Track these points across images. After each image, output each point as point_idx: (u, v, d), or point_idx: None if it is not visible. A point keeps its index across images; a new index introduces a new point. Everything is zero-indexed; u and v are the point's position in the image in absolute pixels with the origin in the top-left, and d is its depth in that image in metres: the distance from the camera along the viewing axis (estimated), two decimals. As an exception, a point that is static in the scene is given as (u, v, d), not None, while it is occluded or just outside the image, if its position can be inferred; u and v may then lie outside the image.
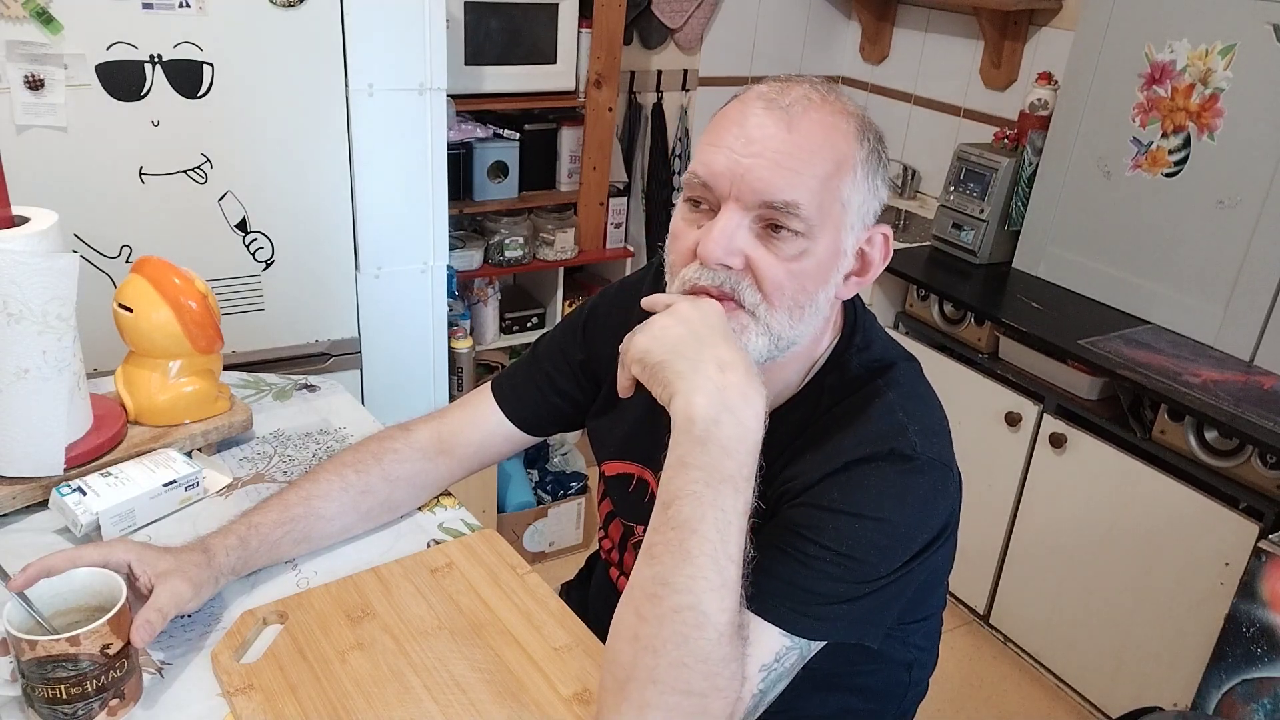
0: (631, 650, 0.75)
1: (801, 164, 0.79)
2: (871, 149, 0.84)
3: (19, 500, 1.05)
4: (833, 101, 0.83)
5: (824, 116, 0.81)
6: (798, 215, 0.80)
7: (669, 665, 0.72)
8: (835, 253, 0.83)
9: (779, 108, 0.81)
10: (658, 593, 0.74)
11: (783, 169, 0.79)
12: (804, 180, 0.79)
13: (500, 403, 1.11)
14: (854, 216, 0.84)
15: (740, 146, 0.80)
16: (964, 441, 1.02)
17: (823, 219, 0.81)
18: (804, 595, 0.80)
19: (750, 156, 0.80)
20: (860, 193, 0.83)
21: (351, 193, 1.82)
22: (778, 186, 0.79)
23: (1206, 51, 1.91)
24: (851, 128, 0.83)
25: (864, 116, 0.85)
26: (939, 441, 0.87)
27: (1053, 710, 2.14)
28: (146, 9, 1.53)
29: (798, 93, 0.82)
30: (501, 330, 2.57)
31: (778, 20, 2.97)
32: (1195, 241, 1.97)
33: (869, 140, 0.84)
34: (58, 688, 0.78)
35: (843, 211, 0.83)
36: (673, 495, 0.76)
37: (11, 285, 0.97)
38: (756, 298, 0.83)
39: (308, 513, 1.01)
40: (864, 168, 0.83)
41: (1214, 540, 1.78)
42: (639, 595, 0.76)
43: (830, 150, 0.81)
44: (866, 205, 0.84)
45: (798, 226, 0.80)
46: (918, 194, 2.98)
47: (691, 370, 0.77)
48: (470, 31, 2.21)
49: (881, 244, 0.87)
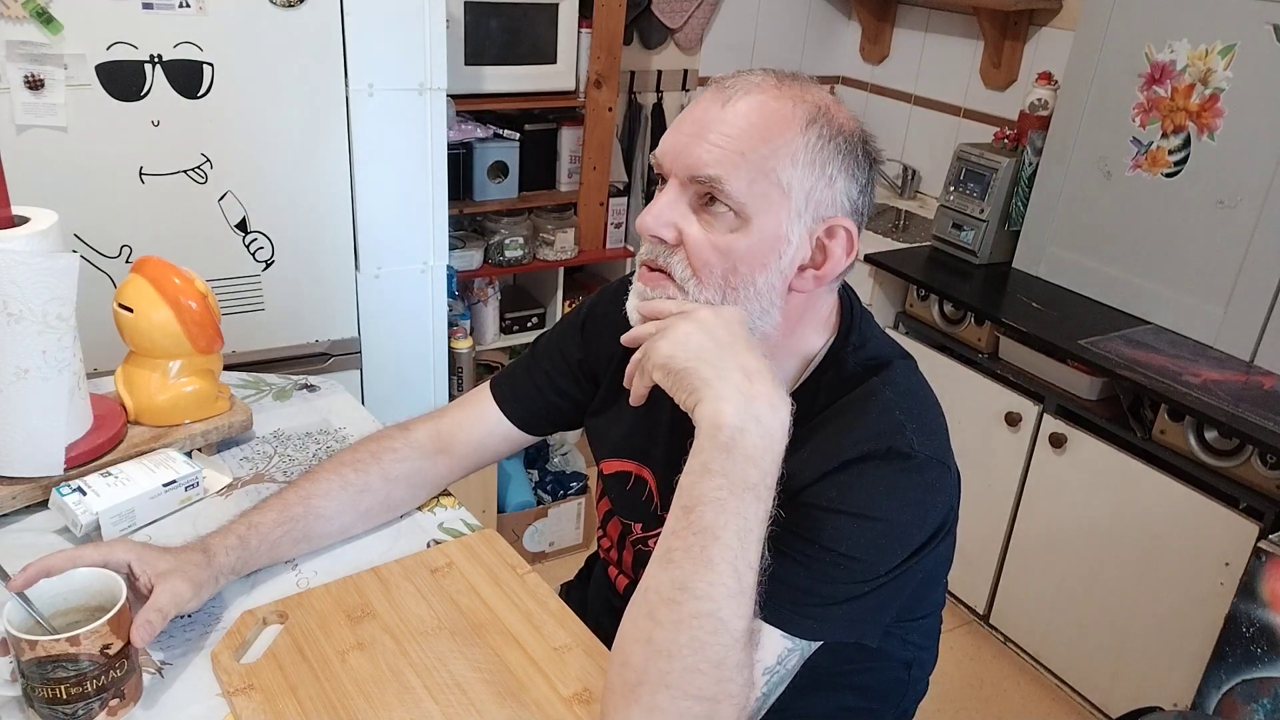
0: (644, 653, 0.74)
1: (728, 140, 0.81)
2: (824, 137, 0.83)
3: (19, 500, 1.05)
4: (788, 88, 0.84)
5: (765, 100, 0.82)
6: (722, 190, 0.81)
7: (683, 670, 0.72)
8: (776, 237, 0.83)
9: (723, 89, 0.83)
10: (676, 598, 0.73)
11: (708, 144, 0.81)
12: (728, 156, 0.81)
13: (499, 402, 1.11)
14: (799, 204, 0.83)
15: (686, 127, 0.84)
16: (964, 441, 1.02)
17: (755, 199, 0.82)
18: (803, 596, 0.80)
19: (686, 135, 0.83)
20: (805, 180, 0.82)
21: (351, 193, 1.82)
22: (703, 161, 0.82)
23: (1206, 51, 1.91)
24: (799, 114, 0.82)
25: (824, 107, 0.84)
26: (936, 439, 0.87)
27: (1053, 710, 2.14)
28: (146, 9, 1.53)
29: (749, 79, 0.84)
30: (501, 330, 2.57)
31: (778, 20, 2.97)
32: (1195, 241, 1.97)
33: (820, 128, 0.83)
34: (58, 688, 0.78)
35: (783, 196, 0.82)
36: (695, 500, 0.75)
37: (11, 285, 0.97)
38: (686, 272, 0.85)
39: (307, 512, 1.01)
40: (809, 153, 0.82)
41: (1214, 540, 1.78)
42: (655, 599, 0.75)
43: (762, 130, 0.81)
44: (819, 194, 0.83)
45: (726, 202, 0.82)
46: (918, 194, 2.98)
47: (717, 378, 0.77)
48: (470, 31, 2.21)
49: (844, 239, 0.86)
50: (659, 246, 0.86)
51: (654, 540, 0.83)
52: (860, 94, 3.12)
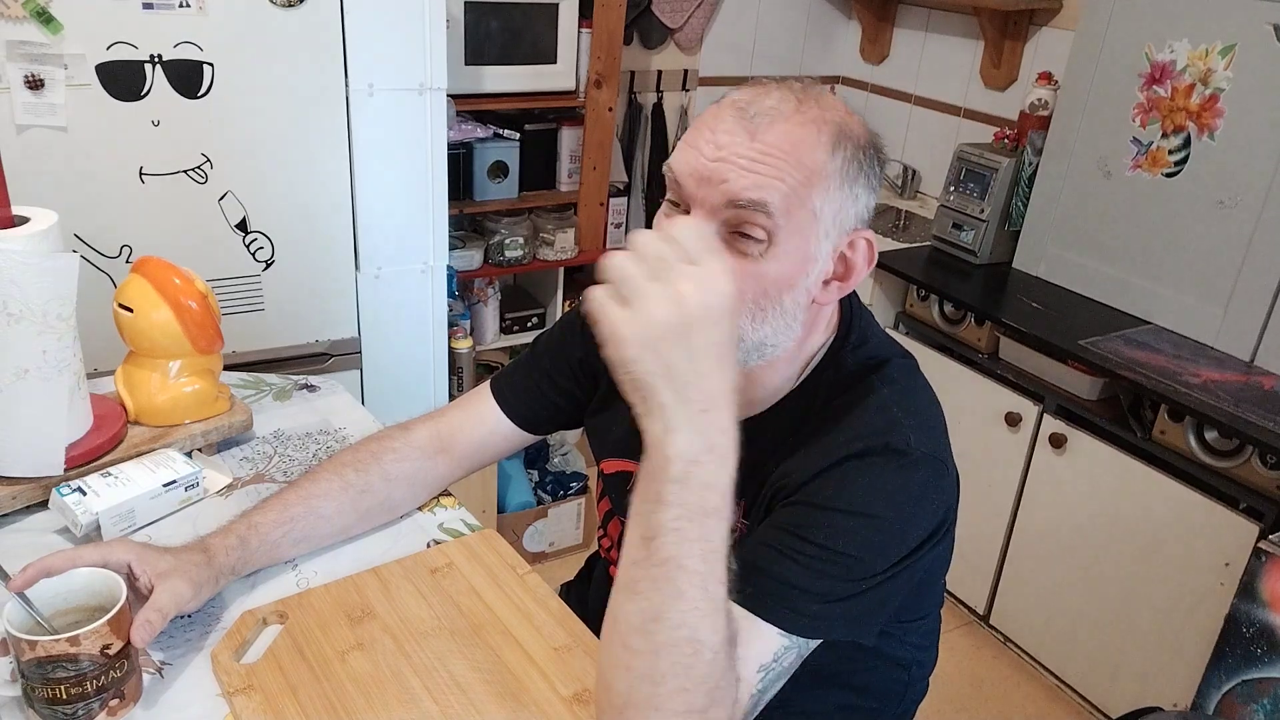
0: (626, 680, 0.73)
1: (767, 169, 0.80)
2: (849, 158, 0.82)
3: (19, 500, 1.05)
4: (808, 109, 0.82)
5: (792, 128, 0.81)
6: (765, 213, 0.80)
7: (670, 692, 0.71)
8: (803, 259, 0.83)
9: (747, 117, 0.81)
10: (648, 629, 0.71)
11: (749, 172, 0.80)
12: (771, 183, 0.80)
13: (499, 401, 1.11)
14: (827, 225, 0.83)
15: (710, 151, 0.81)
16: (964, 441, 1.02)
17: (788, 226, 0.81)
18: (800, 594, 0.80)
19: (717, 161, 0.81)
20: (834, 202, 0.82)
21: (351, 193, 1.82)
22: (744, 186, 0.80)
23: (1206, 51, 1.91)
24: (824, 138, 0.82)
25: (843, 124, 0.83)
26: (934, 437, 0.87)
27: (1053, 710, 2.14)
28: (146, 9, 1.53)
29: (769, 102, 0.82)
30: (501, 330, 2.57)
31: (778, 20, 2.97)
32: (1195, 241, 1.97)
33: (846, 149, 0.82)
34: (58, 688, 0.78)
35: (812, 220, 0.82)
36: (654, 531, 0.71)
37: (11, 285, 0.97)
38: None
39: (307, 512, 1.01)
40: (839, 178, 0.82)
41: (1214, 540, 1.78)
42: (625, 629, 0.73)
43: (796, 162, 0.80)
44: (844, 212, 0.83)
45: (760, 233, 0.80)
46: (918, 194, 2.98)
47: (676, 403, 0.71)
48: (470, 31, 2.21)
49: (865, 249, 0.86)
50: None
51: None
52: (860, 94, 3.12)
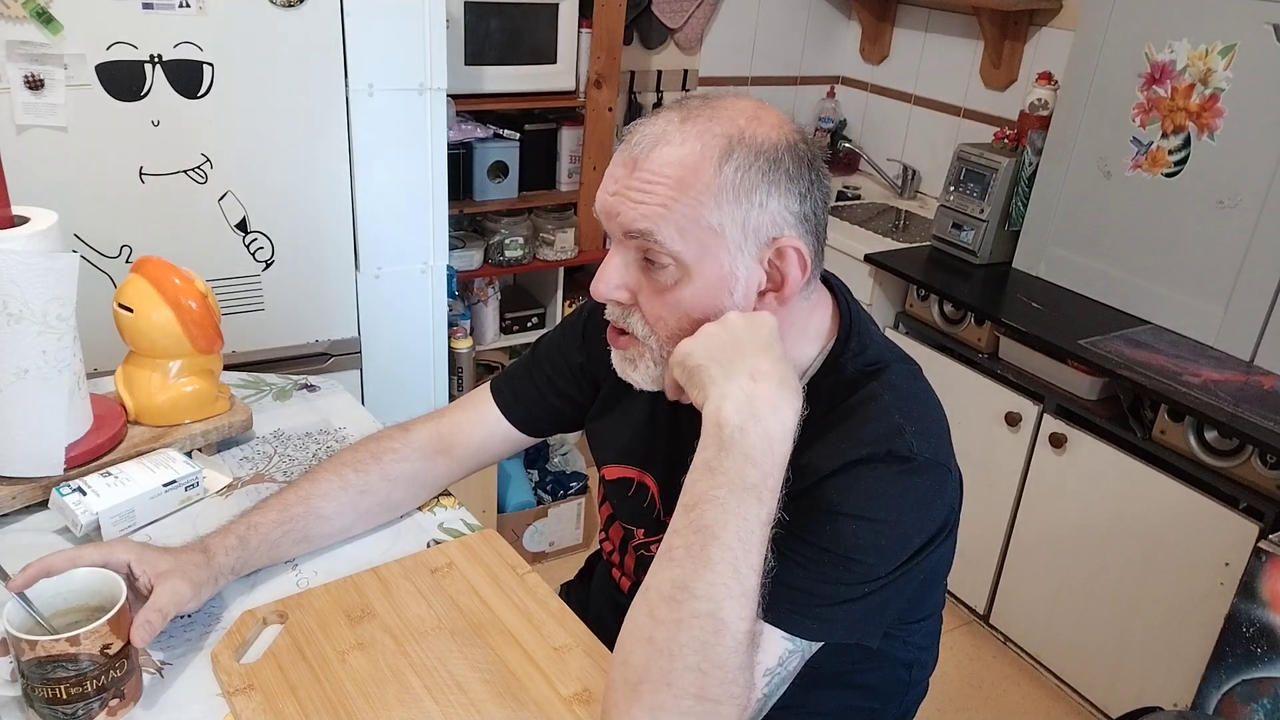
0: (645, 652, 0.74)
1: (649, 197, 0.82)
2: (743, 166, 0.81)
3: (19, 500, 1.05)
4: (693, 125, 0.82)
5: (670, 150, 0.81)
6: (655, 241, 0.82)
7: (684, 670, 0.72)
8: (720, 278, 0.83)
9: (626, 151, 0.84)
10: (676, 596, 0.74)
11: (636, 204, 0.82)
12: (653, 210, 0.81)
13: (499, 403, 1.11)
14: (737, 239, 0.82)
15: (610, 185, 0.85)
16: (964, 441, 1.02)
17: (690, 246, 0.82)
18: (804, 597, 0.81)
19: (614, 195, 0.84)
20: (737, 215, 0.81)
21: (351, 193, 1.82)
22: (632, 218, 0.83)
23: (1206, 51, 1.91)
24: (711, 151, 0.81)
25: (737, 133, 0.81)
26: (937, 441, 0.87)
27: (1053, 710, 2.14)
28: (146, 9, 1.53)
29: (650, 129, 0.83)
30: (501, 330, 2.57)
31: (778, 20, 2.97)
32: (1195, 241, 1.97)
33: (736, 159, 0.81)
34: (58, 688, 0.78)
35: (716, 237, 0.82)
36: (696, 499, 0.77)
37: (11, 285, 0.97)
38: (645, 329, 0.87)
39: (307, 512, 1.01)
40: (733, 190, 0.81)
41: (1214, 540, 1.78)
42: (655, 597, 0.76)
43: (678, 184, 0.81)
44: (754, 222, 0.82)
45: (665, 259, 0.83)
46: (918, 194, 2.98)
47: (724, 377, 0.79)
48: (470, 31, 2.21)
49: (795, 257, 0.84)
50: (616, 309, 0.88)
51: (656, 545, 0.83)
52: (860, 94, 3.12)
